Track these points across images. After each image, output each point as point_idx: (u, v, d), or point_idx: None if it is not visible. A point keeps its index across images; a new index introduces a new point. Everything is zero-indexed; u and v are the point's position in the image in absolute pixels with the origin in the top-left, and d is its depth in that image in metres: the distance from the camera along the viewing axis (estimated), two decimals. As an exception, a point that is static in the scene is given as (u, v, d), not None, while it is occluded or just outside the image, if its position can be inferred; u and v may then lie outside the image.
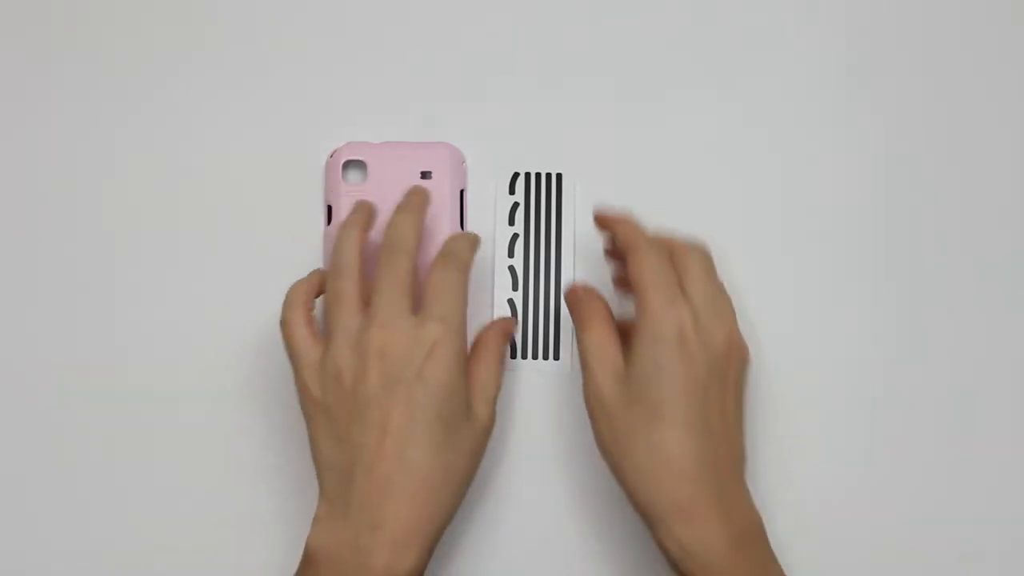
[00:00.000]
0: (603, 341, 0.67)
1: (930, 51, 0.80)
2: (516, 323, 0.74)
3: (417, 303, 0.67)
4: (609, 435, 0.66)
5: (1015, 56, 0.80)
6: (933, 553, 0.75)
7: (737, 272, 0.75)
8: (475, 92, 0.79)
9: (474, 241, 0.70)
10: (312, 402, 0.66)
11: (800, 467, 0.75)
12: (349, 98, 0.79)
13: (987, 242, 0.78)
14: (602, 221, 0.71)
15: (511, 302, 0.76)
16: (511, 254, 0.77)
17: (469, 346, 0.71)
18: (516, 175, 0.78)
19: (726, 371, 0.67)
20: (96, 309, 0.77)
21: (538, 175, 0.78)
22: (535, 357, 0.76)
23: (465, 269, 0.68)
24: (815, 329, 0.77)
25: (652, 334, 0.65)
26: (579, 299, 0.69)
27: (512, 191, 0.77)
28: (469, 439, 0.66)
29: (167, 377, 0.76)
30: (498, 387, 0.69)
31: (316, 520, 0.65)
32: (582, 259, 0.77)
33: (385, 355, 0.65)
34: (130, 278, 0.77)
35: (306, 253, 0.76)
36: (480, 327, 0.73)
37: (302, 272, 0.72)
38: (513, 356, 0.76)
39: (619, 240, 0.69)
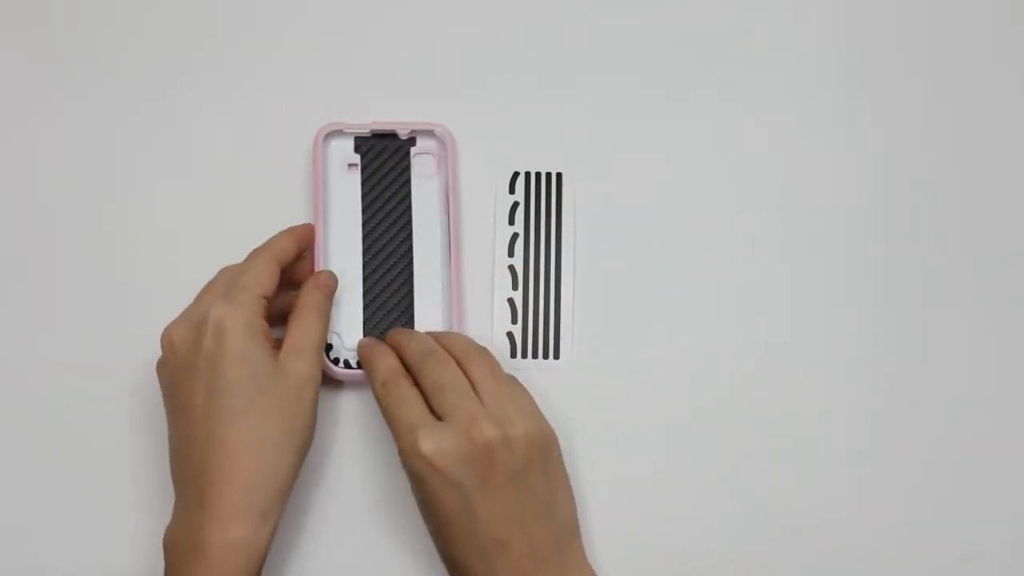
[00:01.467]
0: (403, 405, 0.68)
1: (930, 51, 0.80)
2: (332, 275, 0.73)
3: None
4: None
5: (1015, 56, 0.80)
6: (933, 553, 0.74)
7: (736, 275, 0.75)
8: (475, 91, 0.79)
9: (295, 234, 0.73)
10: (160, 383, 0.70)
11: (799, 468, 0.75)
12: (348, 100, 0.79)
13: (986, 242, 0.78)
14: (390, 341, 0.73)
15: (511, 301, 0.76)
16: (511, 253, 0.77)
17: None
18: (516, 174, 0.78)
19: (519, 471, 0.67)
20: (95, 308, 0.77)
21: (538, 174, 0.78)
22: (535, 356, 0.76)
23: (269, 257, 0.70)
24: (814, 331, 0.77)
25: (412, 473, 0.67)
26: (377, 352, 0.72)
27: (512, 190, 0.77)
28: (284, 400, 0.67)
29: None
30: (316, 340, 0.69)
31: (172, 516, 0.67)
32: (583, 258, 0.77)
33: (174, 345, 0.67)
34: (128, 278, 0.77)
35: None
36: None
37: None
38: (513, 356, 0.76)
39: (405, 358, 0.71)
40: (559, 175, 0.77)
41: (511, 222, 0.77)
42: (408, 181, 0.77)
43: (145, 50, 0.80)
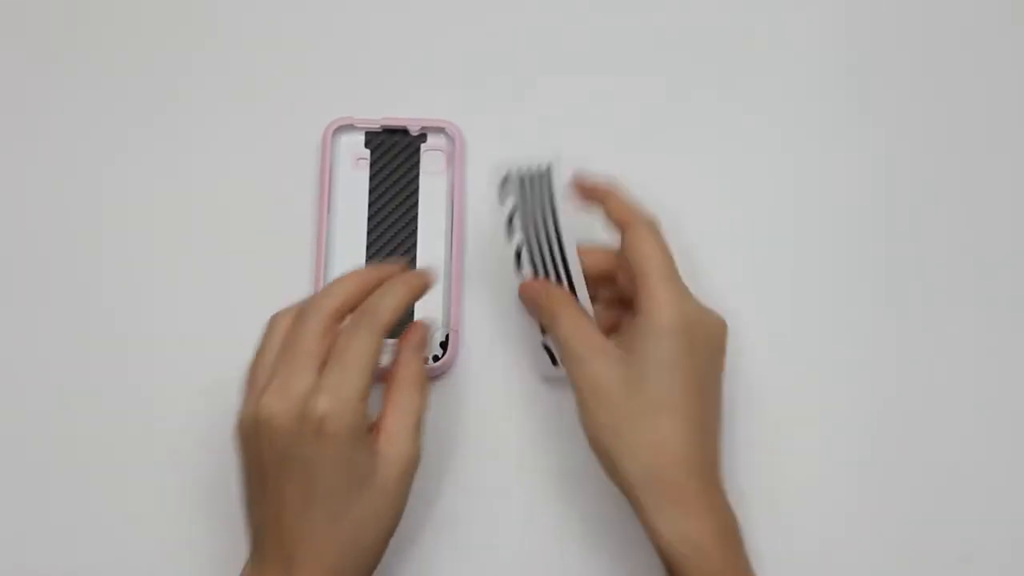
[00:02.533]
0: (584, 327, 0.67)
1: (930, 51, 0.81)
2: (427, 326, 0.69)
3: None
4: (606, 422, 0.65)
5: (1015, 55, 0.80)
6: (933, 553, 0.74)
7: (735, 274, 0.76)
8: (477, 93, 0.80)
9: (403, 297, 0.66)
10: (240, 444, 0.66)
11: (799, 467, 0.75)
12: (356, 96, 0.80)
13: (987, 242, 0.78)
14: (585, 191, 0.70)
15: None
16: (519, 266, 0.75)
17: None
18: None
19: (719, 358, 0.67)
20: (105, 308, 0.77)
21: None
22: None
23: (378, 331, 0.64)
24: (815, 330, 0.77)
25: (660, 324, 0.64)
26: (537, 291, 0.69)
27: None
28: (379, 499, 0.64)
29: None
30: (414, 419, 0.66)
31: (246, 565, 0.66)
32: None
33: (273, 428, 0.63)
34: (139, 277, 0.77)
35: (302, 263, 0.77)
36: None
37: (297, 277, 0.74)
38: (556, 364, 0.73)
39: (611, 214, 0.68)
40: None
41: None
42: (416, 178, 0.77)
43: (149, 46, 0.81)
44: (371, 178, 0.77)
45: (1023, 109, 0.80)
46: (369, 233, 0.76)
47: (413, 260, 0.76)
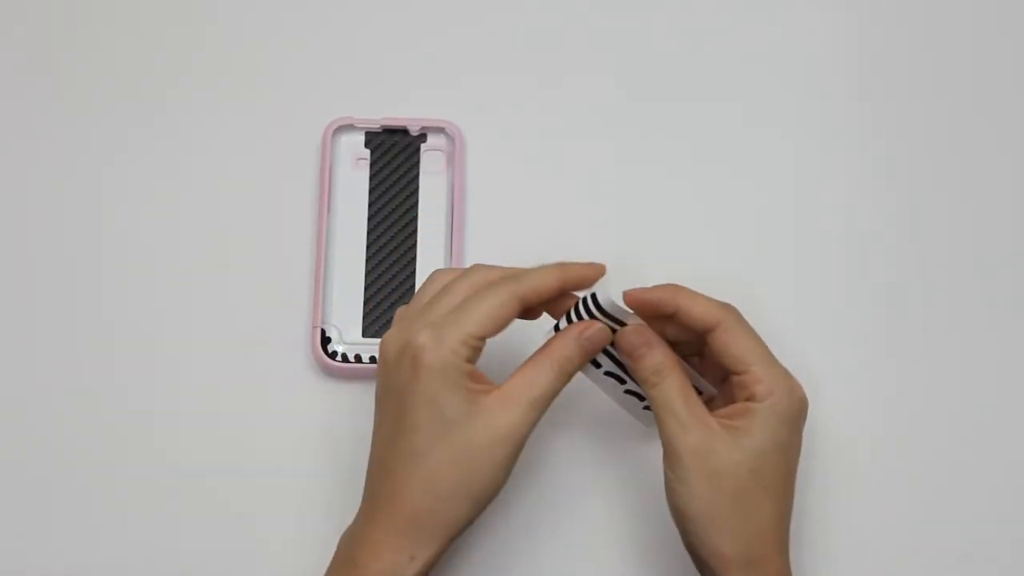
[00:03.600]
0: (692, 394, 0.65)
1: (930, 53, 0.81)
2: (608, 336, 0.66)
3: None
4: (707, 496, 0.64)
5: (1015, 57, 0.80)
6: (933, 553, 0.74)
7: (746, 273, 0.76)
8: (477, 93, 0.80)
9: (554, 274, 0.66)
10: None
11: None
12: (356, 96, 0.80)
13: (987, 244, 0.78)
14: (649, 305, 0.66)
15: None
16: (597, 364, 0.72)
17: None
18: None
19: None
20: (108, 307, 0.77)
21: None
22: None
23: (509, 291, 0.64)
24: (816, 333, 0.77)
25: (777, 417, 0.64)
26: (644, 342, 0.66)
27: None
28: (467, 452, 0.63)
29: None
30: (537, 395, 0.64)
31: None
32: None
33: (383, 358, 0.66)
34: (137, 277, 0.77)
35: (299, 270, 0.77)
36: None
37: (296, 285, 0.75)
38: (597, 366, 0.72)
39: (690, 320, 0.66)
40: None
41: None
42: (416, 178, 0.77)
43: (149, 46, 0.81)
44: (371, 178, 0.77)
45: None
46: (369, 233, 0.76)
47: (413, 260, 0.76)
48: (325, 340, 0.74)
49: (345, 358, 0.74)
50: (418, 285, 0.75)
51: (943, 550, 0.74)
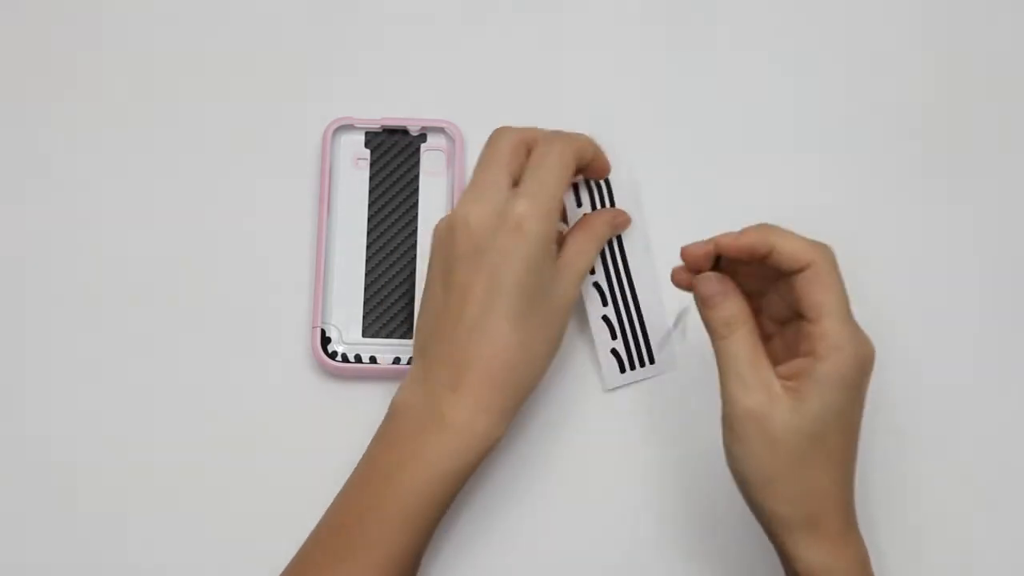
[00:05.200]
0: (759, 352, 0.64)
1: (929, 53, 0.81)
2: (628, 220, 0.75)
3: None
4: (761, 459, 0.63)
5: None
6: (932, 553, 0.74)
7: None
8: (477, 93, 0.80)
9: (595, 146, 0.73)
10: (433, 248, 0.70)
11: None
12: (356, 97, 0.80)
13: (988, 246, 0.79)
14: (744, 250, 0.64)
15: (606, 319, 0.75)
16: (591, 270, 0.75)
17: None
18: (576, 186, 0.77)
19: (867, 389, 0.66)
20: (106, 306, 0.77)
21: (586, 182, 0.76)
22: (642, 365, 0.75)
23: (572, 148, 0.70)
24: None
25: (837, 381, 0.62)
26: (718, 291, 0.65)
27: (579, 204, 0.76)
28: (549, 315, 0.69)
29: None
30: (586, 266, 0.71)
31: (406, 379, 0.69)
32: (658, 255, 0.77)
33: (469, 225, 0.68)
34: (138, 276, 0.77)
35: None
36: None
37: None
38: (623, 371, 0.75)
39: (785, 258, 0.63)
40: (607, 180, 0.76)
41: None
42: (416, 178, 0.77)
43: (149, 45, 0.81)
44: (371, 178, 0.77)
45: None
46: (369, 233, 0.76)
47: (413, 260, 0.76)
48: (325, 340, 0.74)
49: (345, 358, 0.74)
50: (418, 285, 0.75)
51: (942, 549, 0.75)
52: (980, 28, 0.82)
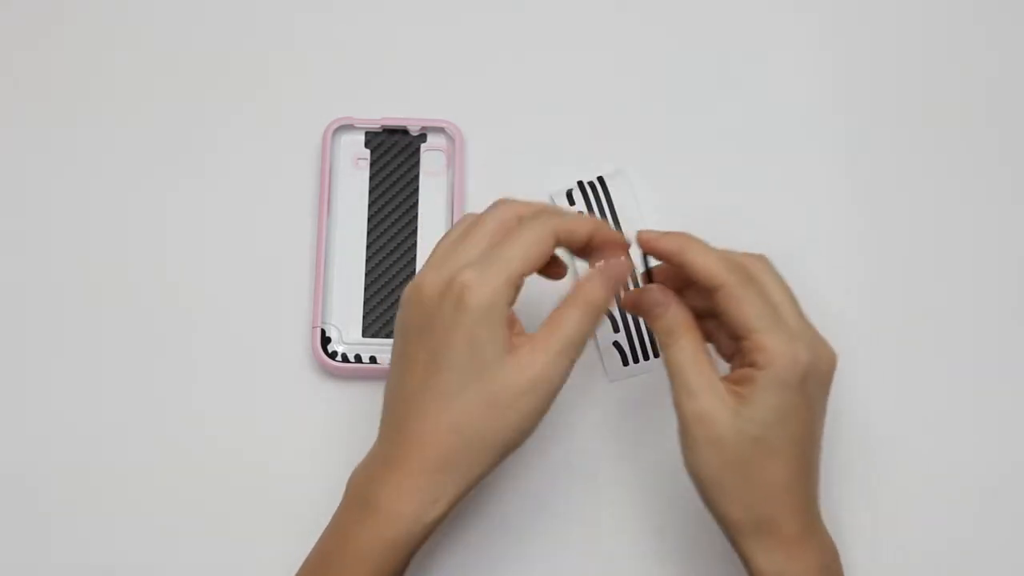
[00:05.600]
0: (703, 359, 0.64)
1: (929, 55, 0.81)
2: (631, 267, 0.66)
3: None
4: (712, 461, 0.64)
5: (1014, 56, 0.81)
6: (932, 552, 0.74)
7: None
8: (477, 93, 0.80)
9: (591, 222, 0.65)
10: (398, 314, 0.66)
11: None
12: (355, 97, 0.80)
13: (987, 247, 0.79)
14: (657, 252, 0.66)
15: (608, 312, 0.75)
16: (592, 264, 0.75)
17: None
18: (570, 190, 0.77)
19: (827, 395, 0.66)
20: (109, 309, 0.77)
21: (580, 183, 0.77)
22: (646, 359, 0.76)
23: (550, 228, 0.64)
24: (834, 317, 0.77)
25: (776, 386, 0.62)
26: (659, 302, 0.65)
27: (572, 202, 0.77)
28: (498, 396, 0.62)
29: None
30: (571, 341, 0.63)
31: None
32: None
33: (422, 294, 0.64)
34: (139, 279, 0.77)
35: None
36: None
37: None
38: (625, 364, 0.76)
39: (695, 274, 0.64)
40: (600, 179, 0.77)
41: None
42: (416, 178, 0.77)
43: (149, 47, 0.81)
44: (371, 178, 0.77)
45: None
46: (369, 233, 0.76)
47: (413, 260, 0.76)
48: (325, 340, 0.74)
49: (345, 358, 0.74)
50: None
51: (942, 549, 0.75)
52: (981, 28, 0.82)
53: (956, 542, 0.75)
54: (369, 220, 0.77)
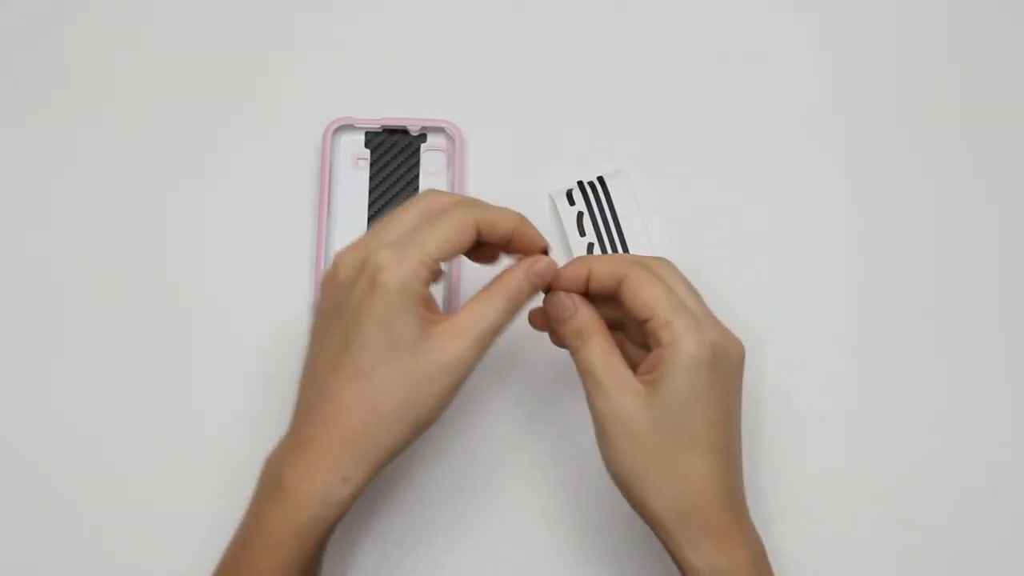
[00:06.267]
0: (613, 358, 0.64)
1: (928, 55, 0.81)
2: (554, 265, 0.66)
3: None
4: (631, 457, 0.64)
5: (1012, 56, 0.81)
6: (932, 553, 0.74)
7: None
8: (477, 94, 0.80)
9: (517, 217, 0.66)
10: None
11: (786, 463, 0.75)
12: (355, 98, 0.80)
13: (987, 248, 0.79)
14: (566, 276, 0.66)
15: None
16: None
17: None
18: (570, 190, 0.77)
19: (739, 382, 0.66)
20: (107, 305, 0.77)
21: (580, 183, 0.77)
22: None
23: (473, 215, 0.64)
24: (806, 327, 0.77)
25: (685, 361, 0.62)
26: (567, 306, 0.66)
27: (572, 202, 0.77)
28: (411, 376, 0.63)
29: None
30: (485, 327, 0.64)
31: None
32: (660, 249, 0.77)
33: (337, 276, 0.64)
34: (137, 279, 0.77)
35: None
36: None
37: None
38: None
39: (600, 277, 0.65)
40: (600, 178, 0.77)
41: (582, 233, 0.76)
42: (416, 177, 0.77)
43: (148, 47, 0.81)
44: (371, 178, 0.77)
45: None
46: None
47: None
48: None
49: None
50: None
51: (942, 550, 0.75)
52: (981, 28, 0.82)
53: (956, 542, 0.74)
54: (369, 220, 0.77)
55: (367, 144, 0.78)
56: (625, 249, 0.76)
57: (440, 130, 0.78)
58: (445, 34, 0.81)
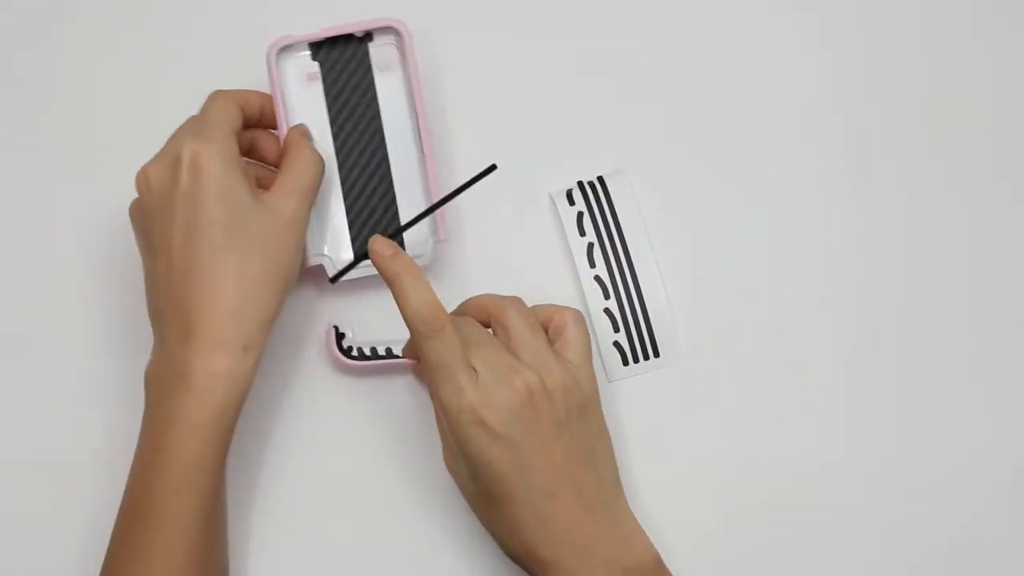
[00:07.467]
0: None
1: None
2: (305, 126, 0.73)
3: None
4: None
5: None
6: (932, 553, 0.75)
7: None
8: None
9: (259, 97, 0.73)
10: (132, 225, 0.70)
11: (788, 463, 0.76)
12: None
13: (986, 249, 0.79)
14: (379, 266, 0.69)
15: (608, 311, 0.76)
16: (592, 264, 0.76)
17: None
18: (570, 190, 0.77)
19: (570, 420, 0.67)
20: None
21: (580, 183, 0.77)
22: (646, 358, 0.76)
23: (229, 95, 0.70)
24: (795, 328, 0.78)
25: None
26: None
27: (572, 202, 0.77)
28: (263, 236, 0.67)
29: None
30: (305, 182, 0.70)
31: (152, 351, 0.68)
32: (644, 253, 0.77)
33: (150, 186, 0.67)
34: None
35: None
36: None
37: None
38: (625, 363, 0.76)
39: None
40: (600, 178, 0.77)
41: (582, 233, 0.77)
42: (372, 82, 0.75)
43: (149, 50, 0.81)
44: (326, 92, 0.75)
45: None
46: (336, 147, 0.75)
47: (385, 159, 0.74)
48: (339, 336, 0.74)
49: (362, 353, 0.74)
50: (396, 186, 0.74)
51: (942, 550, 0.75)
52: (981, 28, 0.82)
53: (956, 542, 0.75)
54: (334, 136, 0.74)
55: (314, 57, 0.75)
56: (625, 249, 0.76)
57: (387, 29, 0.74)
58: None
